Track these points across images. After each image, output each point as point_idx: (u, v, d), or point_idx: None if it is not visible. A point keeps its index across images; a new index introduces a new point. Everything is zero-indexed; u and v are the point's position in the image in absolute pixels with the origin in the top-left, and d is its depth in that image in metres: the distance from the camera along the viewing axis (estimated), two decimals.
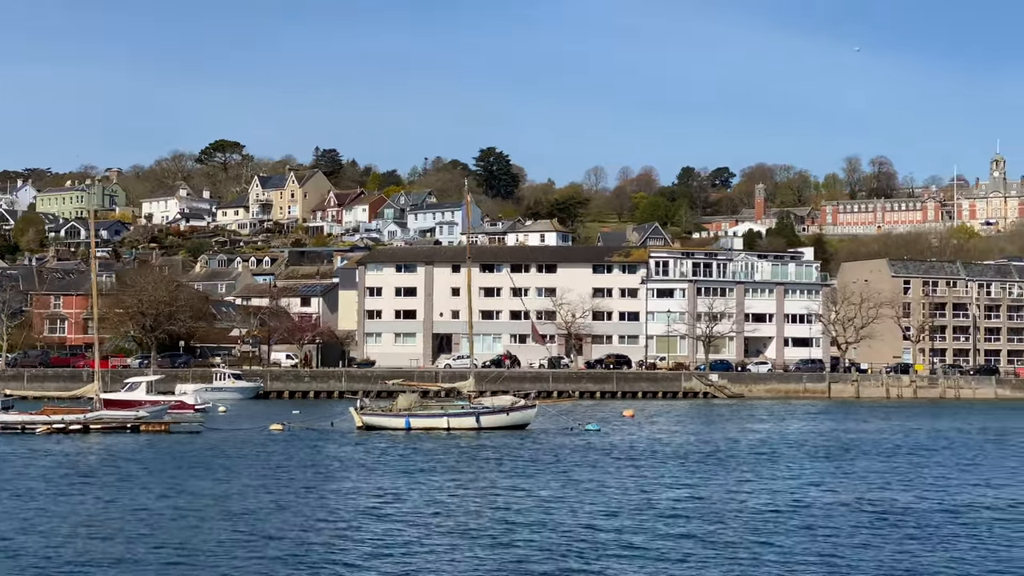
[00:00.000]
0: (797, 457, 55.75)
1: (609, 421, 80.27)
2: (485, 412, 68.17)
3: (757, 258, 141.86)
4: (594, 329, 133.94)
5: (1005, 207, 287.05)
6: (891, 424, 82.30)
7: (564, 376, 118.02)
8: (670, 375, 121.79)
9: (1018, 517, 36.95)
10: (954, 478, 47.70)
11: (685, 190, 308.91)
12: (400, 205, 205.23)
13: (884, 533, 33.33)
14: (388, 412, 68.07)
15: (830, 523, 34.86)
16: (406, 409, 67.65)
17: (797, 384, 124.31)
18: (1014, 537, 33.18)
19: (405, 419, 66.72)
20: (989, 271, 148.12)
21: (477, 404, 69.34)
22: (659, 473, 47.72)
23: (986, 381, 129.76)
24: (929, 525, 34.90)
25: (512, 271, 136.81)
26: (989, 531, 34.16)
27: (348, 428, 67.15)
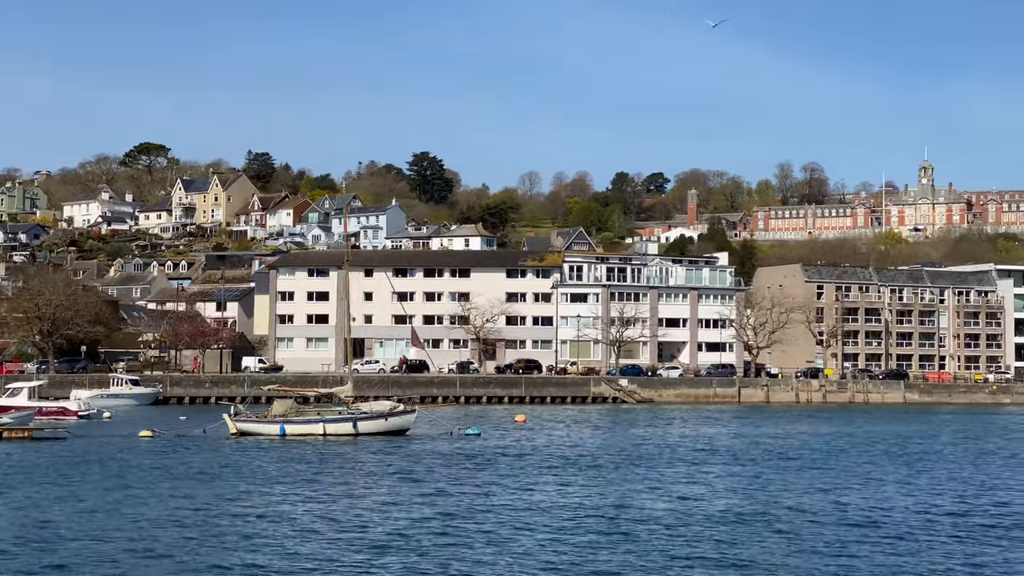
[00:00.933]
0: (657, 463, 55.46)
1: (499, 427, 79.75)
2: (362, 418, 67.34)
3: (672, 263, 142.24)
4: (507, 334, 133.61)
5: (933, 213, 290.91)
6: (772, 429, 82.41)
7: (472, 381, 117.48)
8: (579, 380, 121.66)
9: (832, 520, 36.77)
10: (792, 483, 47.56)
11: (619, 195, 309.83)
12: (325, 209, 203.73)
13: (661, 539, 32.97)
14: (262, 418, 67.07)
15: (615, 528, 34.50)
16: (281, 415, 66.61)
17: (707, 389, 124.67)
18: (807, 537, 33.01)
19: (280, 425, 65.75)
20: (902, 276, 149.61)
21: (355, 410, 68.45)
22: (511, 478, 47.16)
23: (895, 385, 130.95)
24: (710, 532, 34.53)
25: (425, 276, 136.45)
26: (791, 534, 33.92)
27: (222, 435, 66.01)
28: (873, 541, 33.16)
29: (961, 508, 40.54)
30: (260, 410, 74.98)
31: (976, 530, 35.64)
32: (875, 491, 44.98)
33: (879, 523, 36.46)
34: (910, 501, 42.10)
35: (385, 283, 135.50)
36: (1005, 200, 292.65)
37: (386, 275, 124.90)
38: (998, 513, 39.47)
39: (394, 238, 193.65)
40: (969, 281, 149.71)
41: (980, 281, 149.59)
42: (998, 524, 36.89)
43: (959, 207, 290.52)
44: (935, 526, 36.23)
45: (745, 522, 36.17)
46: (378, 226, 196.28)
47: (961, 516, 38.52)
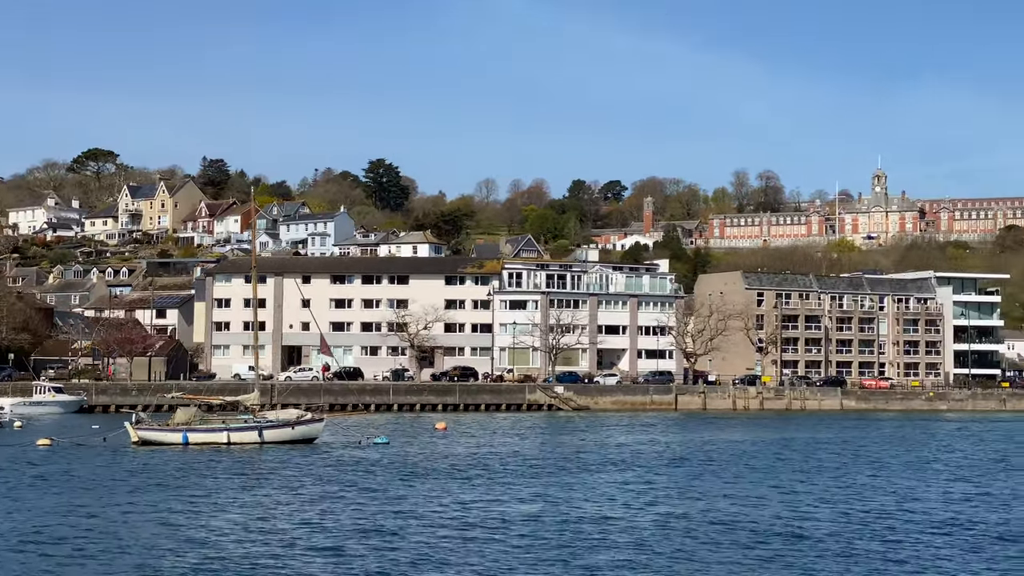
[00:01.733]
0: (571, 470, 55.01)
1: (417, 435, 79.02)
2: (268, 426, 66.47)
3: (612, 270, 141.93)
4: (446, 341, 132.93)
5: (886, 221, 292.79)
6: (691, 436, 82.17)
7: (405, 389, 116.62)
8: (514, 387, 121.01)
9: (683, 528, 36.40)
10: (666, 489, 47.21)
11: (575, 203, 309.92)
12: (273, 216, 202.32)
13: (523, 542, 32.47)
14: (164, 427, 66.05)
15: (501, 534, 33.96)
16: (184, 423, 65.63)
17: (644, 396, 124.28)
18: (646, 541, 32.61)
19: (182, 434, 64.77)
20: (842, 284, 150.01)
21: (261, 418, 67.55)
22: (391, 487, 46.55)
23: (832, 392, 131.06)
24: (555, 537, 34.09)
25: (364, 283, 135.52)
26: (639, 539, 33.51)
27: (123, 443, 64.95)
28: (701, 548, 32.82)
29: (797, 514, 40.26)
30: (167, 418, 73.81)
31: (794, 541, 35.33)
32: (739, 499, 44.69)
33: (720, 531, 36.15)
34: (766, 508, 41.83)
35: (324, 289, 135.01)
36: (958, 208, 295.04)
37: (295, 282, 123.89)
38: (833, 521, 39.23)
39: (342, 245, 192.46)
40: (909, 288, 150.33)
41: (920, 288, 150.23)
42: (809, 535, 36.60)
43: (912, 215, 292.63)
44: (767, 533, 35.90)
45: (595, 527, 35.72)
46: (326, 233, 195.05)
47: (800, 522, 38.23)
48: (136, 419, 66.73)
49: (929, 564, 31.62)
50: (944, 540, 35.54)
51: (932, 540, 35.49)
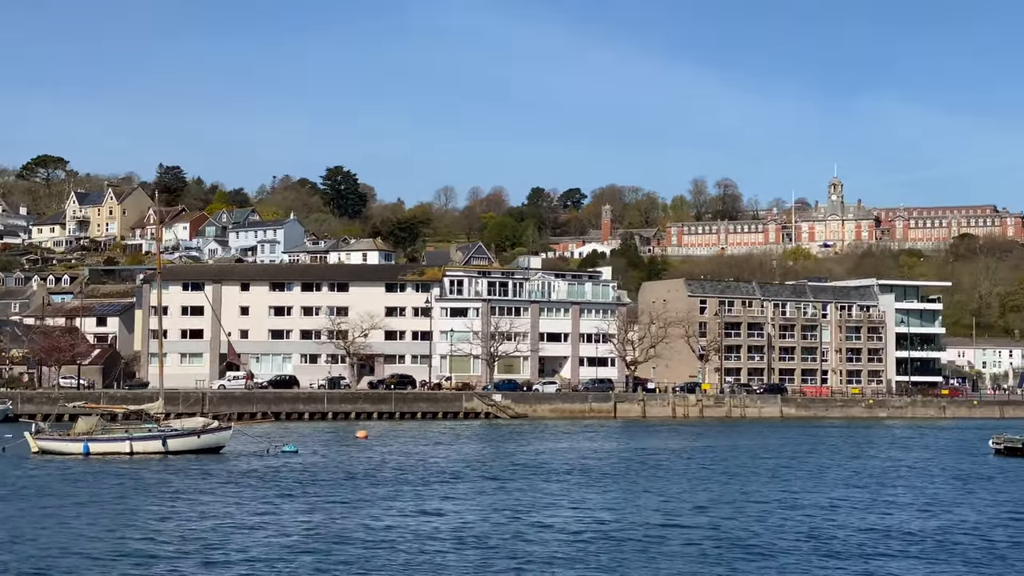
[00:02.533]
0: (469, 478, 54.41)
1: (335, 443, 78.17)
2: (172, 435, 65.50)
3: (554, 277, 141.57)
4: (387, 349, 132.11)
5: (843, 229, 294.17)
6: (604, 445, 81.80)
7: (340, 397, 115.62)
8: (451, 395, 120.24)
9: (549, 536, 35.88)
10: (547, 497, 46.69)
11: (534, 211, 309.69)
12: (222, 223, 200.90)
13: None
14: (65, 436, 64.91)
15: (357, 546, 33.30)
16: (85, 433, 64.51)
17: (583, 404, 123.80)
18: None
19: (83, 444, 63.66)
20: (785, 291, 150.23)
21: (165, 427, 66.54)
22: (284, 496, 45.81)
23: (772, 400, 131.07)
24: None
25: (303, 290, 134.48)
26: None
27: (23, 453, 63.81)
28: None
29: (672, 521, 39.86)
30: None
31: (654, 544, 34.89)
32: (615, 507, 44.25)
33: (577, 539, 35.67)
34: (640, 515, 41.43)
35: (263, 297, 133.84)
36: (913, 216, 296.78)
37: (204, 292, 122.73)
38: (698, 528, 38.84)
39: (291, 252, 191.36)
40: (851, 296, 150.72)
41: (862, 296, 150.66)
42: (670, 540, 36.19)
43: (868, 223, 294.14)
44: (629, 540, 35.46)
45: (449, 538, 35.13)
46: (275, 240, 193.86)
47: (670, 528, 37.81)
48: (36, 429, 65.55)
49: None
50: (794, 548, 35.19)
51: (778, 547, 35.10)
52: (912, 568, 32.30)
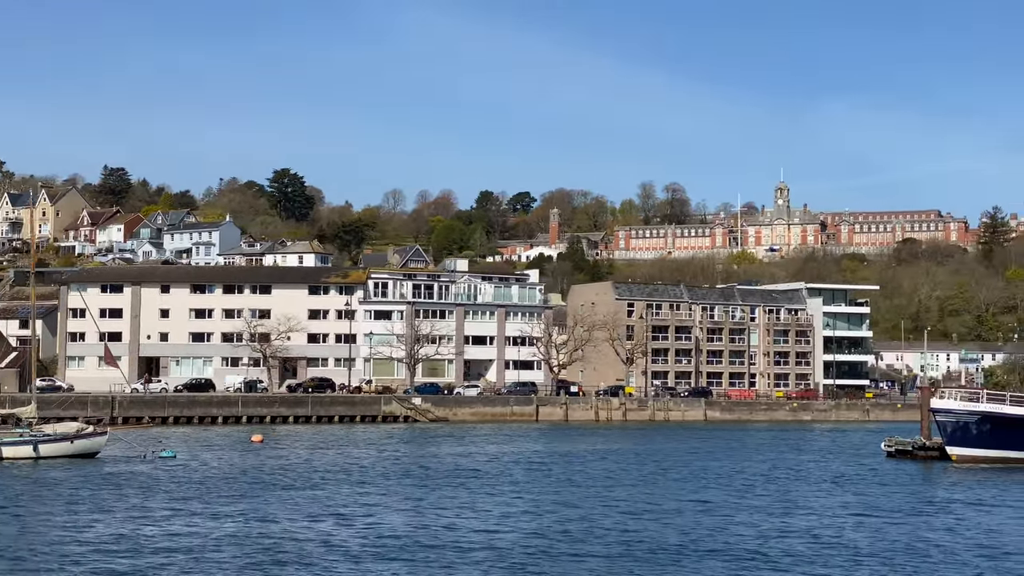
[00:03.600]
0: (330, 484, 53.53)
1: (226, 448, 76.98)
2: (45, 440, 64.16)
3: (481, 280, 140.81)
4: (310, 352, 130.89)
5: (789, 234, 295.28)
6: (493, 448, 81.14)
7: (255, 401, 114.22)
8: (368, 399, 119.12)
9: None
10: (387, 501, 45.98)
11: (483, 214, 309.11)
12: (157, 225, 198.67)
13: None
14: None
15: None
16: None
17: (504, 407, 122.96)
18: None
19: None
20: (713, 295, 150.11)
21: (38, 432, 65.17)
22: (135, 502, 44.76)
23: (696, 403, 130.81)
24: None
25: (225, 292, 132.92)
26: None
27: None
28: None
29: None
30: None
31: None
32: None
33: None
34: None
35: (183, 299, 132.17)
36: (859, 221, 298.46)
37: (80, 294, 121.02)
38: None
39: (227, 255, 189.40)
40: (780, 299, 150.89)
41: (790, 299, 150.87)
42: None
43: (813, 228, 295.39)
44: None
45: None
46: (211, 242, 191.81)
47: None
48: None
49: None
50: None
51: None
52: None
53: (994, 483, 58.68)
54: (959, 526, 42.24)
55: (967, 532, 40.92)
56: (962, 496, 52.70)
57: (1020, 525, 42.93)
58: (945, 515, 45.33)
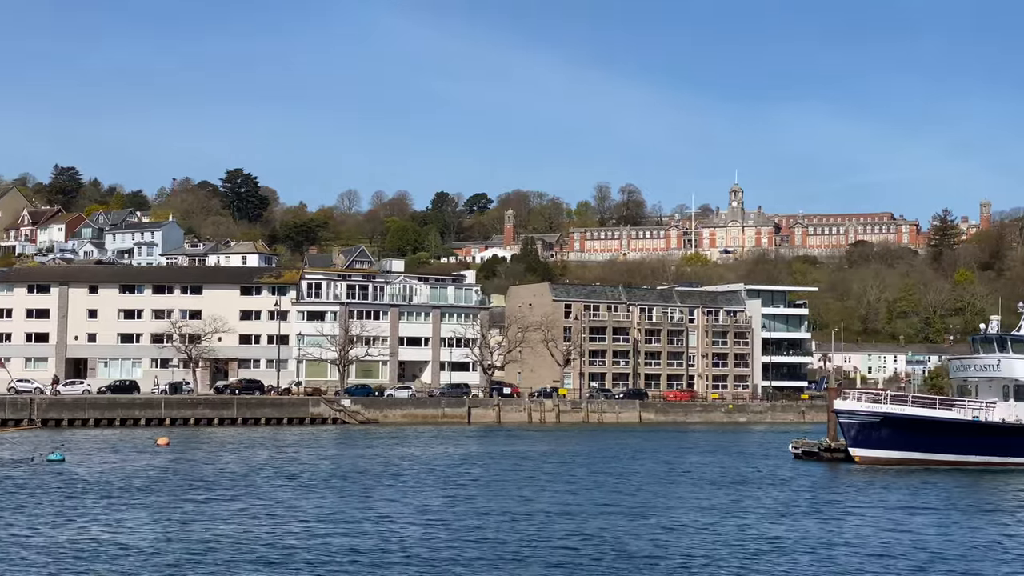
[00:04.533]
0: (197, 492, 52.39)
1: (126, 451, 75.46)
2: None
3: (417, 281, 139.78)
4: (240, 353, 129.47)
5: (743, 236, 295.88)
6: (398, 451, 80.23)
7: (177, 402, 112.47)
8: (296, 401, 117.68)
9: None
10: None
11: (438, 215, 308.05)
12: (99, 225, 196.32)
13: None
14: None
15: None
16: None
17: (436, 409, 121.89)
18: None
19: None
20: (652, 296, 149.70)
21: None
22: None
23: (631, 405, 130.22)
24: None
25: (155, 293, 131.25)
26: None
27: None
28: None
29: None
30: None
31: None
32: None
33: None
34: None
35: (112, 300, 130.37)
36: (813, 224, 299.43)
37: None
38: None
39: (169, 255, 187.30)
40: (719, 301, 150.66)
41: (729, 301, 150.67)
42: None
43: (767, 230, 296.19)
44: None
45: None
46: (153, 242, 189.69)
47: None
48: None
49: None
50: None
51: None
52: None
53: (880, 484, 58.31)
54: (816, 529, 41.71)
55: (829, 534, 40.45)
56: (838, 497, 52.32)
57: (871, 528, 42.44)
58: (807, 517, 44.80)
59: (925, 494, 54.20)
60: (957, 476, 63.43)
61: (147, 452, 74.06)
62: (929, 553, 36.78)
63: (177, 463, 65.43)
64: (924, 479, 61.22)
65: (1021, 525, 44.48)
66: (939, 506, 49.50)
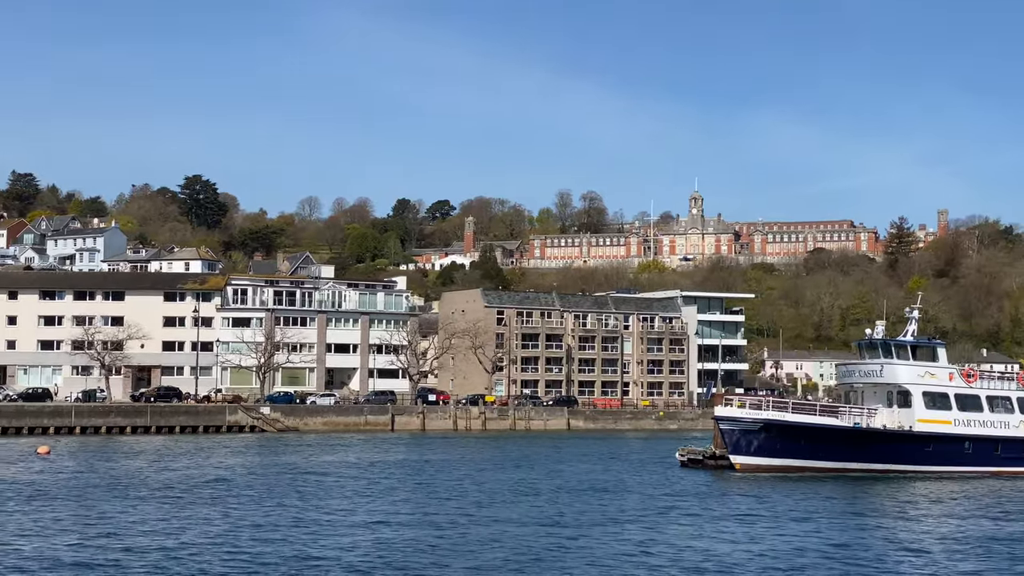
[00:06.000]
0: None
1: (4, 460, 73.70)
2: None
3: (346, 287, 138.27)
4: (164, 360, 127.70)
5: (703, 243, 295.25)
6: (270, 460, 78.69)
7: (89, 410, 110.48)
8: (213, 408, 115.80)
9: None
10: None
11: (399, 222, 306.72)
12: (41, 231, 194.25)
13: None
14: None
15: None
16: None
17: (358, 417, 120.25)
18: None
19: None
20: (586, 302, 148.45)
21: None
22: None
23: (559, 412, 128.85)
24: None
25: (76, 299, 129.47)
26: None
27: None
28: None
29: None
30: None
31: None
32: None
33: None
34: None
35: (32, 306, 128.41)
36: (772, 231, 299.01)
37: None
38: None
39: (111, 261, 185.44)
40: (654, 308, 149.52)
41: (665, 308, 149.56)
42: None
43: (727, 237, 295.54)
44: None
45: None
46: (95, 248, 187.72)
47: None
48: None
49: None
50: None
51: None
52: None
53: (739, 490, 57.12)
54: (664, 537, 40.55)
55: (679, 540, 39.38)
56: (688, 504, 51.13)
57: (691, 537, 41.19)
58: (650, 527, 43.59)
59: (771, 500, 53.02)
60: (833, 484, 62.25)
61: (20, 462, 72.29)
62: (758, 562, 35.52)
63: (42, 474, 63.76)
64: (794, 486, 60.01)
65: (890, 530, 43.43)
66: (766, 514, 48.14)
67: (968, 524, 46.19)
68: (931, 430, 66.96)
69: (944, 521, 47.31)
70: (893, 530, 44.09)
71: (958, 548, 39.63)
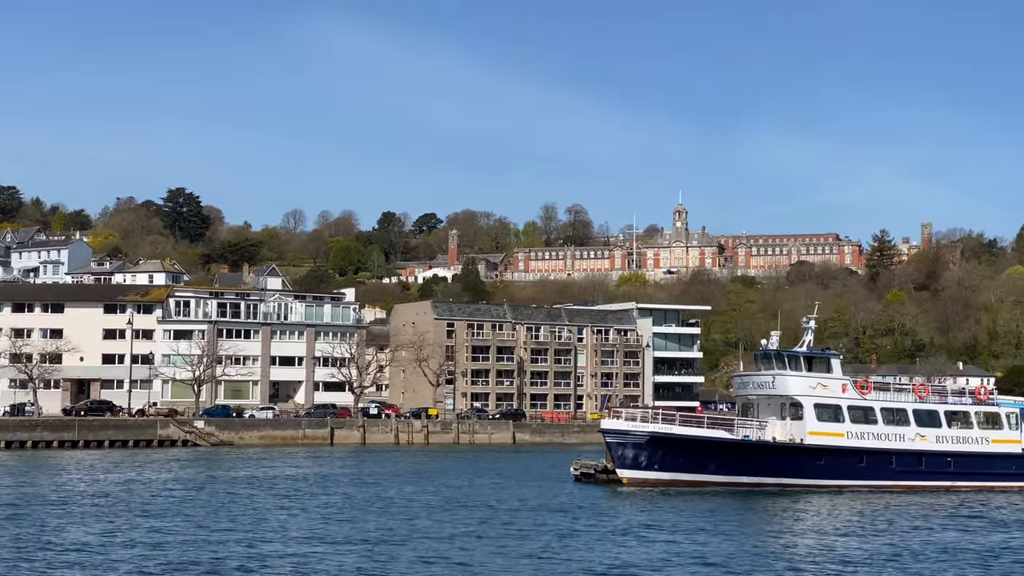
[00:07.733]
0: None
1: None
2: None
3: (293, 299, 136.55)
4: (104, 373, 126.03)
5: (687, 256, 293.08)
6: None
7: (14, 425, 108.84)
8: (144, 422, 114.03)
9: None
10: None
11: (384, 235, 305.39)
12: (6, 243, 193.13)
13: None
14: None
15: None
16: None
17: (296, 431, 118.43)
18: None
19: None
20: (539, 314, 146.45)
21: None
22: None
23: (504, 425, 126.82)
24: None
25: (14, 311, 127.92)
26: None
27: None
28: None
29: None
30: None
31: None
32: None
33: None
34: None
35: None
36: (756, 244, 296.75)
37: None
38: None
39: (75, 273, 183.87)
40: (609, 320, 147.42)
41: (620, 320, 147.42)
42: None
43: (711, 250, 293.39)
44: None
45: None
46: (59, 261, 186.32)
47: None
48: None
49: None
50: None
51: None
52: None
53: (612, 506, 55.18)
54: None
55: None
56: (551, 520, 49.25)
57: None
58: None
59: (626, 515, 51.05)
60: (719, 498, 60.21)
61: None
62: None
63: None
64: (673, 501, 58.03)
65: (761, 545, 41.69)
66: (619, 526, 46.27)
67: (846, 541, 44.34)
68: (823, 443, 64.86)
69: (818, 536, 45.51)
70: (764, 545, 42.35)
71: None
